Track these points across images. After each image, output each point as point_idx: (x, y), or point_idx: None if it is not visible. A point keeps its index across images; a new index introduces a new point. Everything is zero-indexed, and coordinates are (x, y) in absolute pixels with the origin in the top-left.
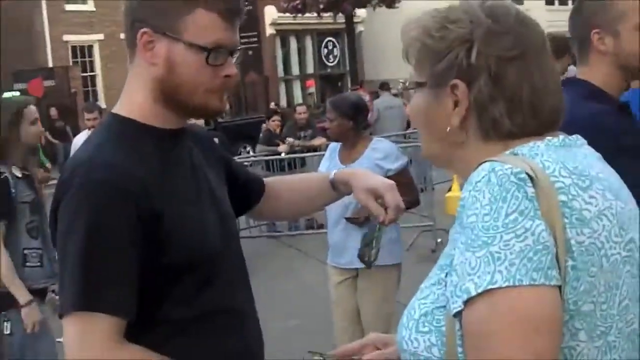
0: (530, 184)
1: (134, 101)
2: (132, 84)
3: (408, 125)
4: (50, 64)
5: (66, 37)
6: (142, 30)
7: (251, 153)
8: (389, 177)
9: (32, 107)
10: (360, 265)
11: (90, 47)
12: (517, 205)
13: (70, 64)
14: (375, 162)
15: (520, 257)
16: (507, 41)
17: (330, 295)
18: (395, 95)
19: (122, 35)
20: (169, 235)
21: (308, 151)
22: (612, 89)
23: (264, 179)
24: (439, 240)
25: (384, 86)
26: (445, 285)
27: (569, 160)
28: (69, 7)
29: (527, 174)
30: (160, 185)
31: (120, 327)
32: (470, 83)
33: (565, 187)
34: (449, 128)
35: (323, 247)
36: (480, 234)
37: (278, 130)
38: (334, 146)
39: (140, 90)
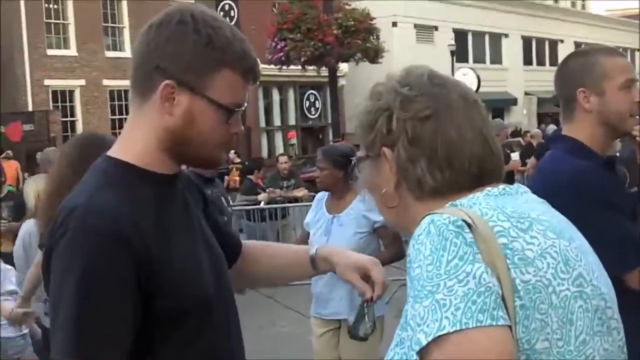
0: (468, 230)
1: (135, 146)
2: (136, 129)
3: None
4: (30, 108)
5: (47, 82)
6: (166, 82)
7: (231, 202)
8: (375, 229)
9: None
10: (342, 316)
11: (72, 92)
12: (457, 252)
13: (51, 108)
14: (362, 214)
15: (465, 301)
16: (421, 103)
17: (313, 347)
18: None
19: (105, 82)
20: (164, 281)
21: (289, 202)
22: (596, 145)
23: (243, 242)
24: None
25: None
26: (404, 343)
27: (507, 206)
28: (51, 51)
29: (464, 221)
30: (156, 230)
31: None
32: (393, 148)
33: (504, 230)
34: (384, 190)
35: (303, 299)
36: (425, 283)
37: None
38: (321, 196)
39: (145, 136)
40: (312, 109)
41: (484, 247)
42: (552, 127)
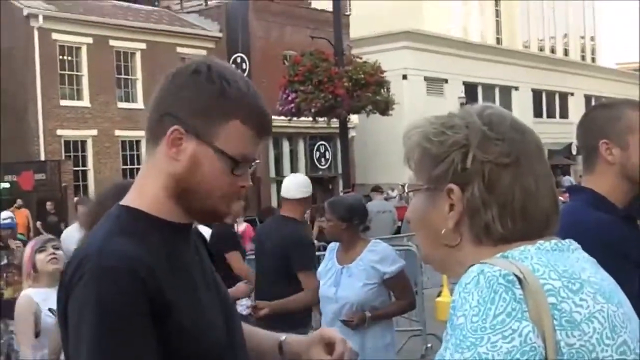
0: (518, 286)
1: (146, 193)
2: (146, 176)
3: (398, 230)
4: (43, 157)
5: (60, 132)
6: (174, 127)
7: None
8: (385, 280)
9: None
10: None
11: (84, 142)
12: (505, 307)
13: (63, 157)
14: (371, 265)
15: (508, 359)
16: (502, 147)
17: None
18: (385, 199)
19: (117, 132)
20: (178, 327)
21: None
22: (616, 199)
23: None
24: (428, 345)
25: (377, 189)
26: None
27: (559, 264)
28: (64, 102)
29: (515, 275)
30: (169, 276)
31: None
32: (465, 187)
33: (554, 290)
34: (443, 230)
35: None
36: (469, 334)
37: None
38: (333, 246)
39: (154, 182)
40: (322, 159)
41: (532, 305)
42: (568, 179)
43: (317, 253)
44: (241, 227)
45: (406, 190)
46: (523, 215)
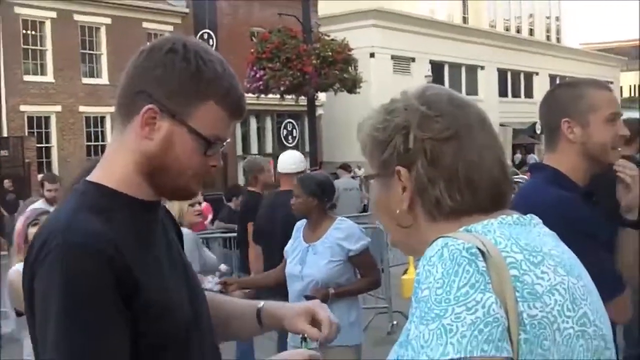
0: (481, 259)
1: (114, 170)
2: (115, 152)
3: (365, 208)
4: (5, 134)
5: (23, 107)
6: (149, 106)
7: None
8: (350, 257)
9: None
10: (355, 342)
11: (47, 118)
12: (469, 279)
13: (26, 134)
14: (337, 242)
15: (472, 330)
16: (441, 123)
17: None
18: (353, 177)
19: (81, 108)
20: (145, 305)
21: None
22: (577, 177)
23: None
24: (394, 322)
25: (344, 167)
26: None
27: (521, 237)
28: (28, 77)
29: (478, 249)
30: (136, 254)
31: None
32: (411, 167)
33: (516, 262)
34: (397, 211)
35: None
36: (433, 306)
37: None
38: (299, 225)
39: (124, 159)
40: (290, 137)
41: (495, 277)
42: (532, 157)
43: None
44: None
45: (362, 179)
46: (469, 187)
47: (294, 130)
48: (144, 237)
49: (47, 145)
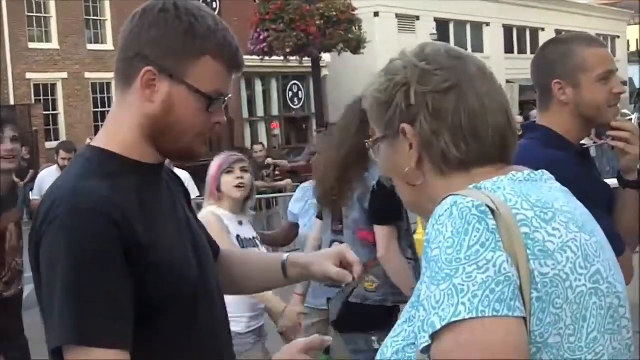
0: (491, 217)
1: (118, 134)
2: (119, 118)
3: None
4: (12, 102)
5: (29, 75)
6: (146, 68)
7: None
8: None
9: None
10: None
11: (54, 85)
12: (479, 238)
13: (33, 102)
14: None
15: (483, 289)
16: (440, 76)
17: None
18: None
19: (87, 75)
20: (152, 268)
21: (273, 192)
22: (572, 136)
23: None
24: None
25: None
26: (415, 322)
27: (532, 194)
28: (33, 45)
29: (488, 206)
30: (140, 217)
31: (127, 357)
32: (414, 123)
33: (527, 220)
34: (406, 169)
35: (287, 290)
36: (444, 266)
37: None
38: (306, 186)
39: (127, 123)
40: (295, 99)
41: (505, 235)
42: (535, 113)
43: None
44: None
45: (371, 144)
46: (474, 135)
47: (300, 92)
48: (149, 201)
49: (54, 112)
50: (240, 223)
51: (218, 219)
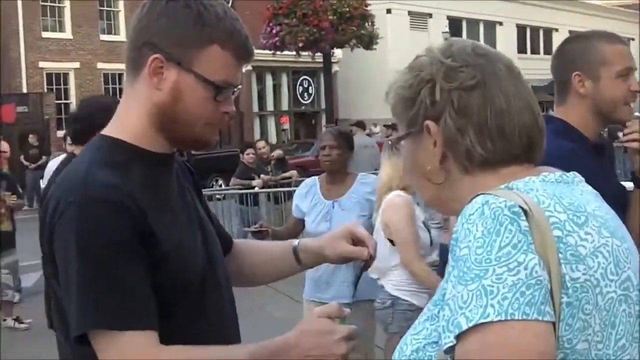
0: (524, 218)
1: (128, 123)
2: (128, 106)
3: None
4: (25, 90)
5: (42, 64)
6: (154, 56)
7: (223, 186)
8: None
9: None
10: (344, 300)
11: (66, 74)
12: (511, 239)
13: (45, 90)
14: (365, 197)
15: (513, 291)
16: (466, 73)
17: None
18: (368, 135)
19: (99, 65)
20: (162, 257)
21: (282, 186)
22: (586, 130)
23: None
24: None
25: (360, 125)
26: (438, 321)
27: (564, 196)
28: (46, 34)
29: (521, 207)
30: (151, 206)
31: (156, 337)
32: (438, 120)
33: (560, 223)
34: (429, 167)
35: (294, 283)
36: (473, 266)
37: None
38: (311, 182)
39: (136, 112)
40: (305, 94)
41: (538, 238)
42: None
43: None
44: None
45: (394, 142)
46: (500, 134)
47: (310, 87)
48: (159, 191)
49: (65, 101)
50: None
51: (408, 202)
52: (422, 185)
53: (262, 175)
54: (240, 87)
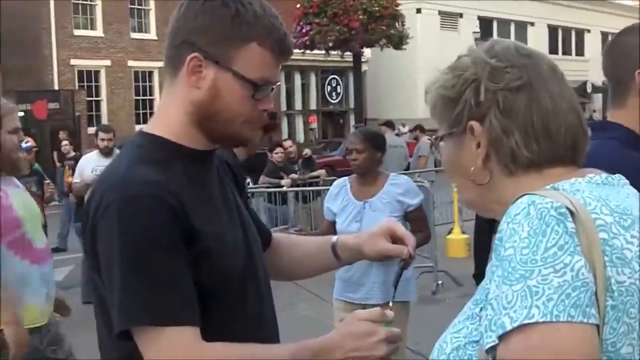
0: (570, 219)
1: (168, 120)
2: (168, 103)
3: (408, 167)
4: (56, 87)
5: (73, 62)
6: (192, 55)
7: (251, 185)
8: (408, 213)
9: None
10: (376, 301)
11: (97, 72)
12: (557, 240)
13: (76, 87)
14: (396, 198)
15: (559, 293)
16: (512, 73)
17: None
18: (397, 135)
19: (130, 63)
20: (203, 253)
21: (310, 185)
22: None
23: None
24: (439, 282)
25: (388, 124)
26: (480, 320)
27: (611, 199)
28: (78, 32)
29: (567, 208)
30: (193, 203)
31: (199, 333)
32: (483, 121)
33: (606, 225)
34: (472, 168)
35: (324, 282)
36: (518, 267)
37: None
38: (342, 182)
39: (176, 110)
40: (334, 93)
41: (584, 239)
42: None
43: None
44: None
45: (436, 141)
46: (546, 135)
47: (338, 87)
48: (200, 187)
49: (96, 98)
50: None
51: None
52: (464, 185)
53: (291, 175)
54: (278, 83)
